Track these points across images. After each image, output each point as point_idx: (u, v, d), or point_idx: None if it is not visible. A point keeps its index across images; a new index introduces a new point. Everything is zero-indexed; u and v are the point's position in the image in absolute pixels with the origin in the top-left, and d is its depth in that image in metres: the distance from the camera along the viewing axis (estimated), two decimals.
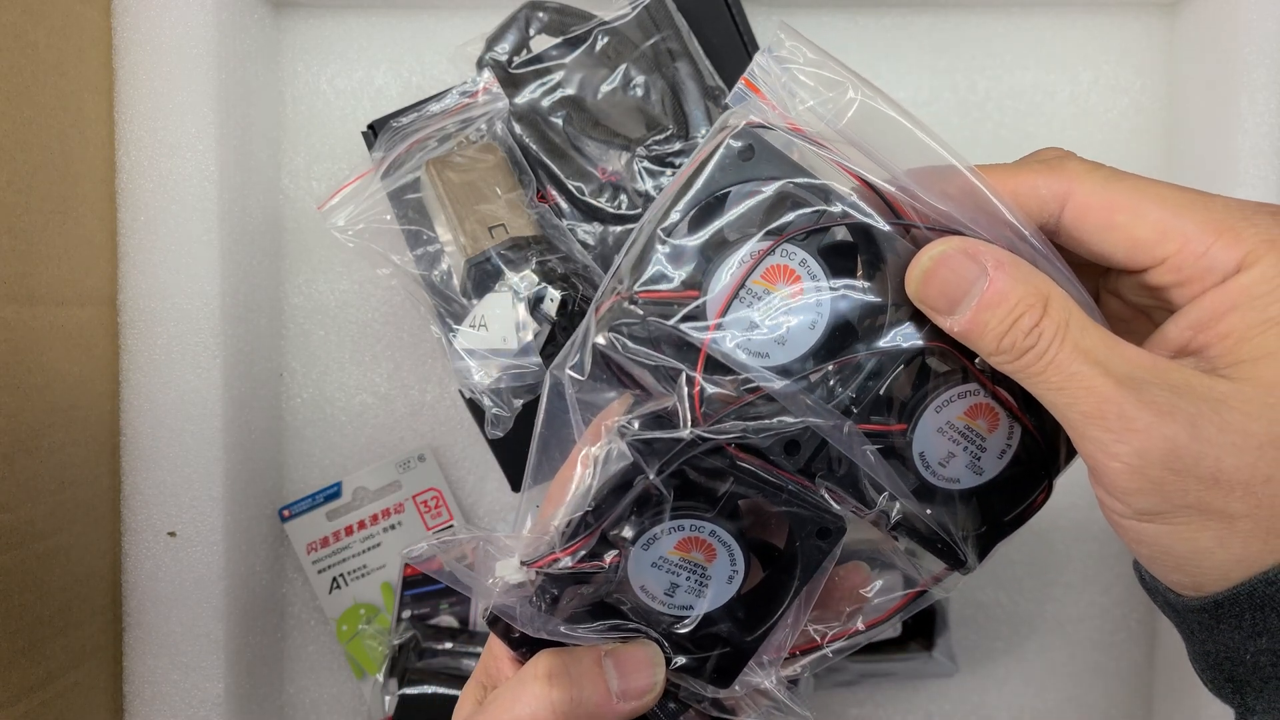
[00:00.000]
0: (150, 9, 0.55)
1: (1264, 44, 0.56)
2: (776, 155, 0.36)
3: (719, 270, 0.35)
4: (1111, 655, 0.65)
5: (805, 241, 0.35)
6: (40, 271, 0.50)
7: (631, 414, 0.37)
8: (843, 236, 0.37)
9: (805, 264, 0.35)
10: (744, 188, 0.36)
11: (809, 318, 0.35)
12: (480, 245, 0.49)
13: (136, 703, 0.56)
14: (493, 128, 0.52)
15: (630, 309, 0.36)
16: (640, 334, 0.35)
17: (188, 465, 0.56)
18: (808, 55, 0.38)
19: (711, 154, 0.36)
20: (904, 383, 0.38)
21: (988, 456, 0.38)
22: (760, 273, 0.35)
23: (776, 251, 0.35)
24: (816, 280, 0.35)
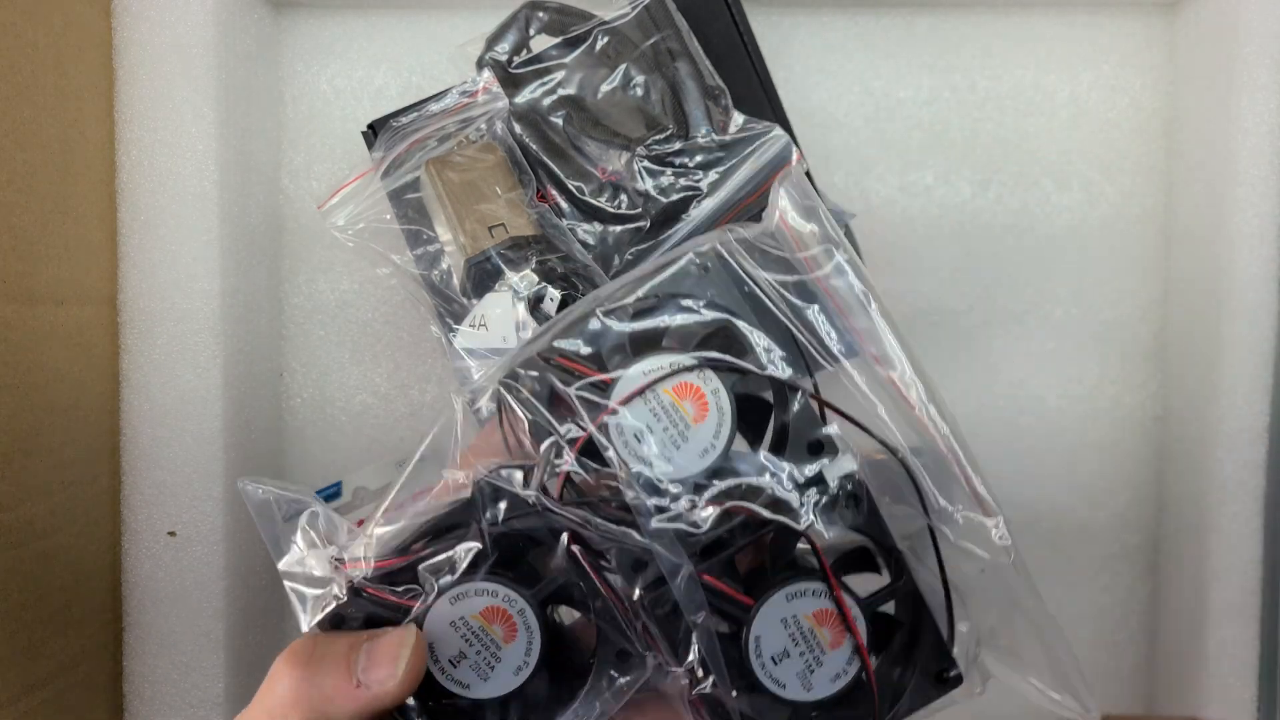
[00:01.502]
0: (150, 9, 0.55)
1: (1264, 44, 0.56)
2: (732, 285, 0.37)
3: (637, 364, 0.36)
4: (1111, 655, 0.65)
5: (725, 375, 0.36)
6: (40, 271, 0.50)
7: (498, 461, 0.36)
8: (761, 390, 0.37)
9: (717, 394, 0.36)
10: (690, 303, 0.37)
11: (702, 446, 0.36)
12: (480, 245, 0.49)
13: (136, 703, 0.56)
14: (493, 127, 0.52)
15: (539, 362, 0.36)
16: (538, 389, 0.36)
17: (188, 465, 0.56)
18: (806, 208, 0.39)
19: (676, 260, 0.37)
20: (768, 558, 0.37)
21: (821, 673, 0.36)
22: (674, 384, 0.36)
23: (696, 372, 0.36)
24: (722, 416, 0.36)
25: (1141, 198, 0.64)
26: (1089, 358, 0.64)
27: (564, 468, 0.35)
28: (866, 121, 0.63)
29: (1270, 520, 0.58)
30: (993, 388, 0.64)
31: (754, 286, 0.37)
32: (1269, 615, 0.58)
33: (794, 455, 0.37)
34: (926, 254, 0.64)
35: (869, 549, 0.38)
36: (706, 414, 0.36)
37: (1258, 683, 0.58)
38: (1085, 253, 0.64)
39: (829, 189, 0.63)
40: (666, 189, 0.53)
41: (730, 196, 0.53)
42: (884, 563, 0.38)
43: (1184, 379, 0.62)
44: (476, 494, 0.36)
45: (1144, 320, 0.64)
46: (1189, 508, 0.60)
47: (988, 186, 0.64)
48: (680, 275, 0.37)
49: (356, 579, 0.36)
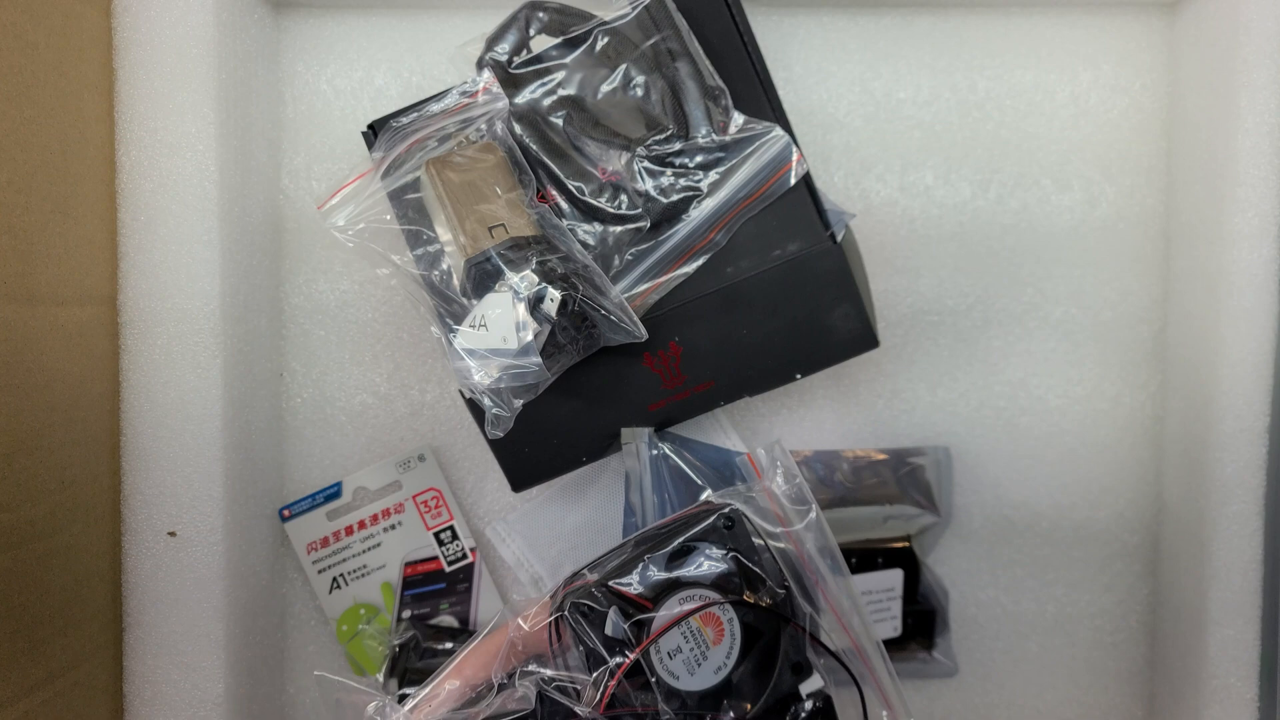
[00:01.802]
0: (150, 9, 0.55)
1: (1264, 44, 0.56)
2: (748, 535, 0.49)
3: (671, 600, 0.47)
4: (1111, 655, 0.65)
5: (738, 608, 0.47)
6: (40, 271, 0.50)
7: (552, 673, 0.46)
8: (762, 623, 0.48)
9: (732, 623, 0.47)
10: (715, 551, 0.48)
11: (716, 664, 0.47)
12: (480, 245, 0.49)
13: (136, 703, 0.56)
14: (493, 128, 0.52)
15: (595, 594, 0.47)
16: (593, 616, 0.46)
17: (188, 465, 0.56)
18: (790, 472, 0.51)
19: (702, 517, 0.48)
20: None
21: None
22: (701, 615, 0.47)
23: (719, 605, 0.47)
24: (734, 641, 0.47)
25: (1141, 198, 0.64)
26: (1089, 358, 0.64)
27: (613, 682, 0.46)
28: (866, 121, 0.63)
29: (1270, 520, 0.58)
30: (993, 388, 0.64)
31: (765, 542, 0.49)
32: (1269, 615, 0.58)
33: (781, 672, 0.48)
34: (926, 254, 0.64)
35: None
36: (723, 638, 0.47)
37: (1258, 683, 0.58)
38: (1085, 253, 0.64)
39: (829, 189, 0.63)
40: (666, 189, 0.53)
41: (730, 196, 0.53)
42: None
43: (1184, 379, 0.62)
44: (536, 701, 0.46)
45: (1144, 320, 0.64)
46: (1189, 508, 0.60)
47: (988, 186, 0.64)
48: (708, 530, 0.48)
49: None
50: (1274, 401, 0.57)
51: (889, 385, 0.64)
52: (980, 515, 0.65)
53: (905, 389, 0.64)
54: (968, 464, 0.64)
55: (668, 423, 0.56)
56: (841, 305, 0.54)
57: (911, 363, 0.64)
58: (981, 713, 0.65)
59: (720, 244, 0.54)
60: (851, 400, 0.64)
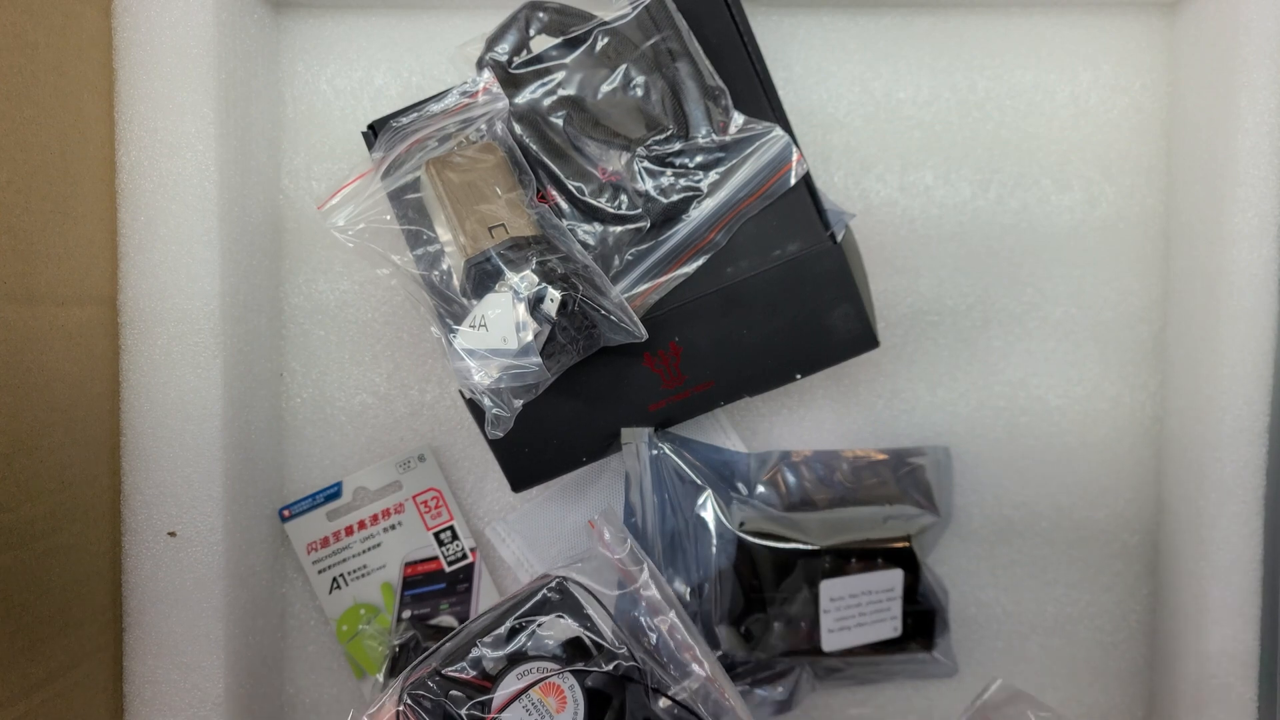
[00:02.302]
0: (150, 9, 0.55)
1: (1264, 44, 0.56)
2: (577, 601, 0.50)
3: (509, 677, 0.48)
4: (1111, 655, 0.65)
5: (576, 675, 0.49)
6: (40, 271, 0.50)
7: None
8: (605, 685, 0.49)
9: (573, 689, 0.49)
10: (547, 619, 0.50)
11: None
12: (480, 245, 0.49)
13: (136, 703, 0.56)
14: (493, 128, 0.52)
15: (430, 685, 0.48)
16: (433, 705, 0.47)
17: (188, 465, 0.56)
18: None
19: (532, 594, 0.50)
20: None
21: None
22: (541, 686, 0.48)
23: (558, 675, 0.49)
24: (577, 706, 0.48)
25: (1141, 198, 0.64)
26: (1089, 358, 0.64)
27: None
28: (866, 121, 0.63)
29: (1270, 520, 0.58)
30: (993, 388, 0.64)
31: (596, 605, 0.50)
32: (1269, 615, 0.58)
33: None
34: (926, 254, 0.64)
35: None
36: (565, 705, 0.48)
37: (1258, 683, 0.58)
38: (1085, 253, 0.64)
39: (829, 189, 0.63)
40: (666, 189, 0.53)
41: (730, 196, 0.53)
42: None
43: (1184, 379, 0.62)
44: None
45: (1144, 320, 0.64)
46: (1189, 508, 0.60)
47: (988, 186, 0.64)
48: (540, 603, 0.50)
49: None
50: (1274, 401, 0.57)
51: (889, 385, 0.64)
52: (980, 515, 0.65)
53: (905, 389, 0.64)
54: (968, 464, 0.64)
55: (668, 423, 0.56)
56: (841, 305, 0.54)
57: (911, 363, 0.64)
58: None
59: (720, 244, 0.54)
60: (851, 400, 0.64)
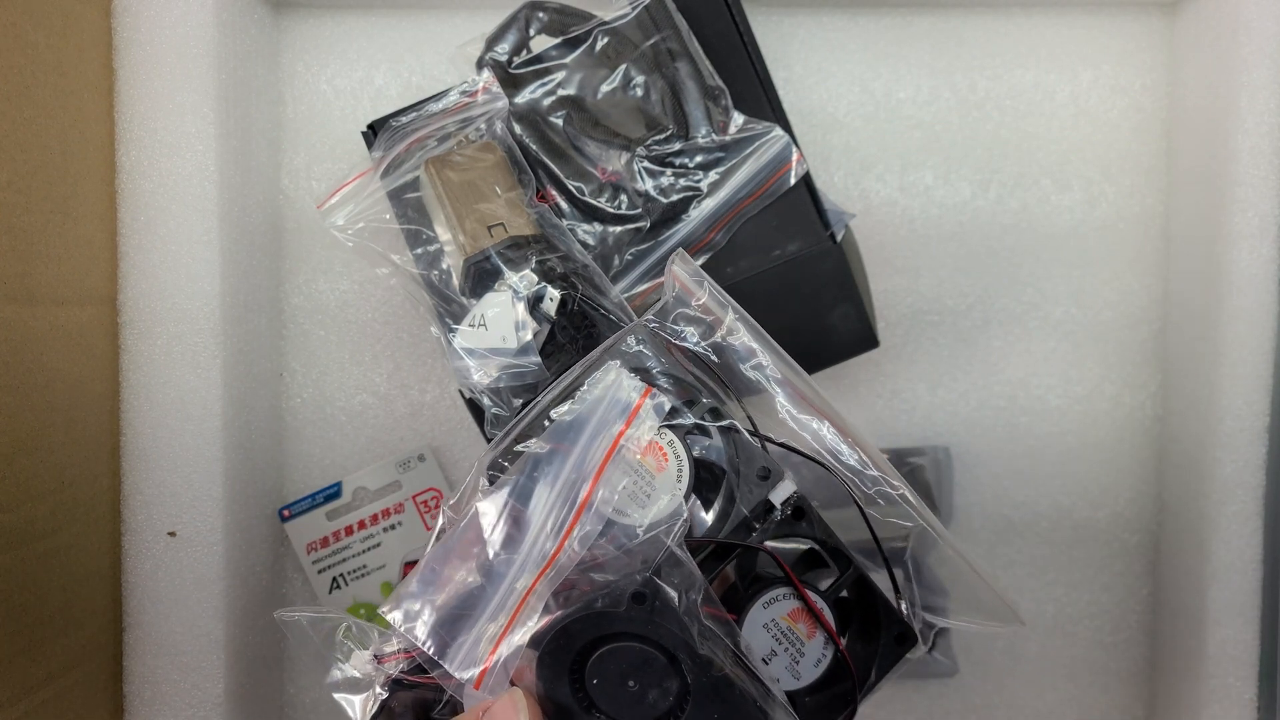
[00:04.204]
0: (150, 9, 0.55)
1: (1264, 44, 0.56)
2: (663, 355, 0.45)
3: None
4: (1111, 655, 0.65)
5: (679, 429, 0.43)
6: (40, 271, 0.50)
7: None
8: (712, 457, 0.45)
9: (673, 444, 0.43)
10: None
11: (669, 492, 0.43)
12: (480, 244, 0.49)
13: (136, 703, 0.56)
14: (492, 127, 0.52)
15: (506, 465, 0.43)
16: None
17: (188, 465, 0.56)
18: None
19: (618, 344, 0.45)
20: (738, 579, 0.44)
21: (805, 662, 0.43)
22: (641, 450, 0.43)
23: (657, 431, 0.43)
24: (680, 462, 0.43)
25: (1141, 198, 0.64)
26: (1089, 358, 0.64)
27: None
28: (866, 121, 0.63)
29: (1270, 520, 0.58)
30: (993, 388, 0.64)
31: (677, 353, 0.45)
32: (1269, 615, 0.58)
33: (746, 485, 0.44)
34: (926, 254, 0.64)
35: (817, 550, 0.45)
36: (667, 463, 0.43)
37: (1258, 683, 0.58)
38: (1085, 253, 0.64)
39: (829, 189, 0.63)
40: (666, 189, 0.53)
41: (730, 196, 0.53)
42: (832, 559, 0.45)
43: (1184, 379, 0.61)
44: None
45: (1144, 320, 0.64)
46: (1189, 508, 0.60)
47: (988, 186, 0.64)
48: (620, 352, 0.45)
49: (395, 673, 0.41)
50: (1274, 401, 0.57)
51: (889, 385, 0.64)
52: (980, 515, 0.65)
53: (905, 389, 0.64)
54: (968, 464, 0.64)
55: None
56: (841, 305, 0.54)
57: (911, 363, 0.64)
58: (981, 713, 0.65)
59: (720, 244, 0.54)
60: (851, 400, 0.64)
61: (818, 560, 0.45)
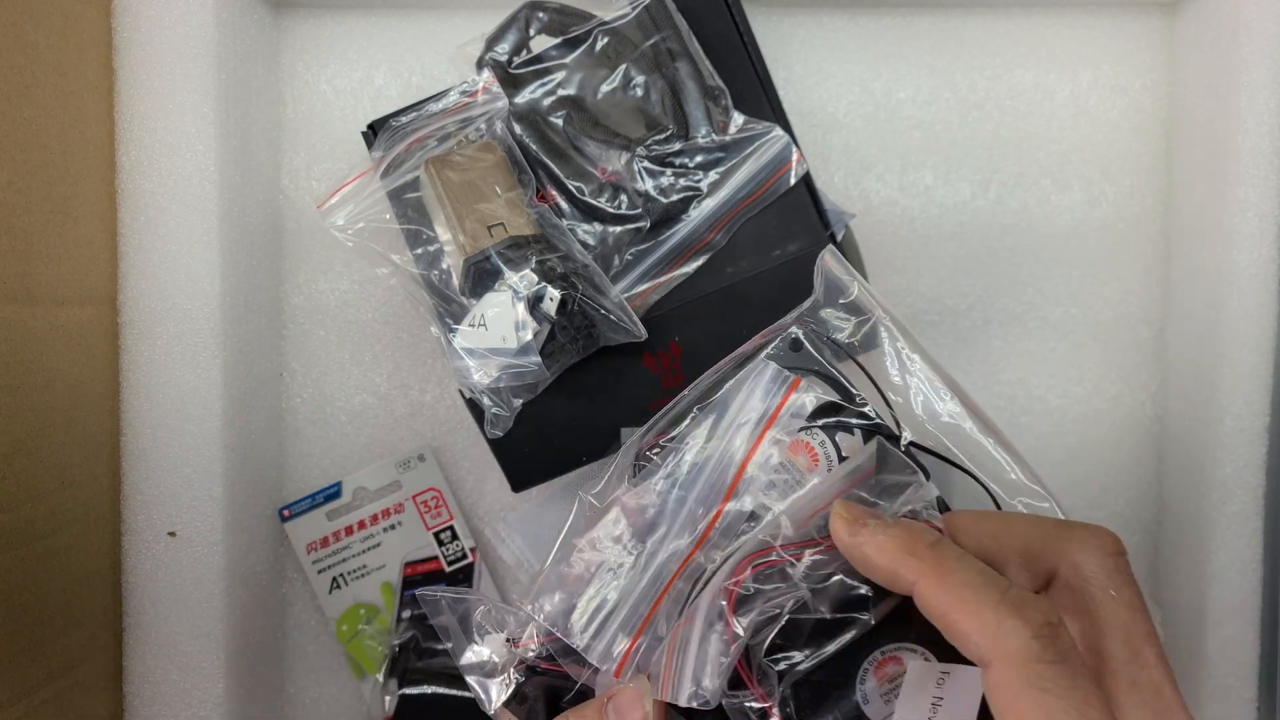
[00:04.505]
0: (150, 9, 0.55)
1: (1264, 44, 0.56)
2: (814, 359, 0.44)
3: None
4: None
5: (830, 431, 0.42)
6: (40, 271, 0.50)
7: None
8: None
9: (824, 446, 0.42)
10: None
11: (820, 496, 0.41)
12: (480, 244, 0.49)
13: (136, 703, 0.56)
14: (492, 127, 0.52)
15: (651, 457, 0.43)
16: None
17: (188, 465, 0.56)
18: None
19: (759, 350, 0.44)
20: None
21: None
22: (788, 444, 0.42)
23: (807, 432, 0.43)
24: (830, 464, 0.42)
25: (1141, 198, 0.64)
26: (1089, 358, 0.64)
27: None
28: (866, 121, 0.63)
29: (1270, 520, 0.58)
30: (993, 388, 0.64)
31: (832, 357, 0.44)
32: (1269, 615, 0.58)
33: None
34: (926, 254, 0.64)
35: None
36: (817, 464, 0.42)
37: (1258, 683, 0.58)
38: (1085, 253, 0.64)
39: (829, 189, 0.63)
40: (666, 189, 0.53)
41: (730, 196, 0.53)
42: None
43: (1184, 379, 0.61)
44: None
45: (1144, 320, 0.64)
46: (1189, 508, 0.60)
47: (988, 186, 0.64)
48: (776, 352, 0.44)
49: (530, 658, 0.41)
50: (1274, 401, 0.57)
51: None
52: None
53: None
54: None
55: None
56: None
57: None
58: None
59: (720, 244, 0.54)
60: None
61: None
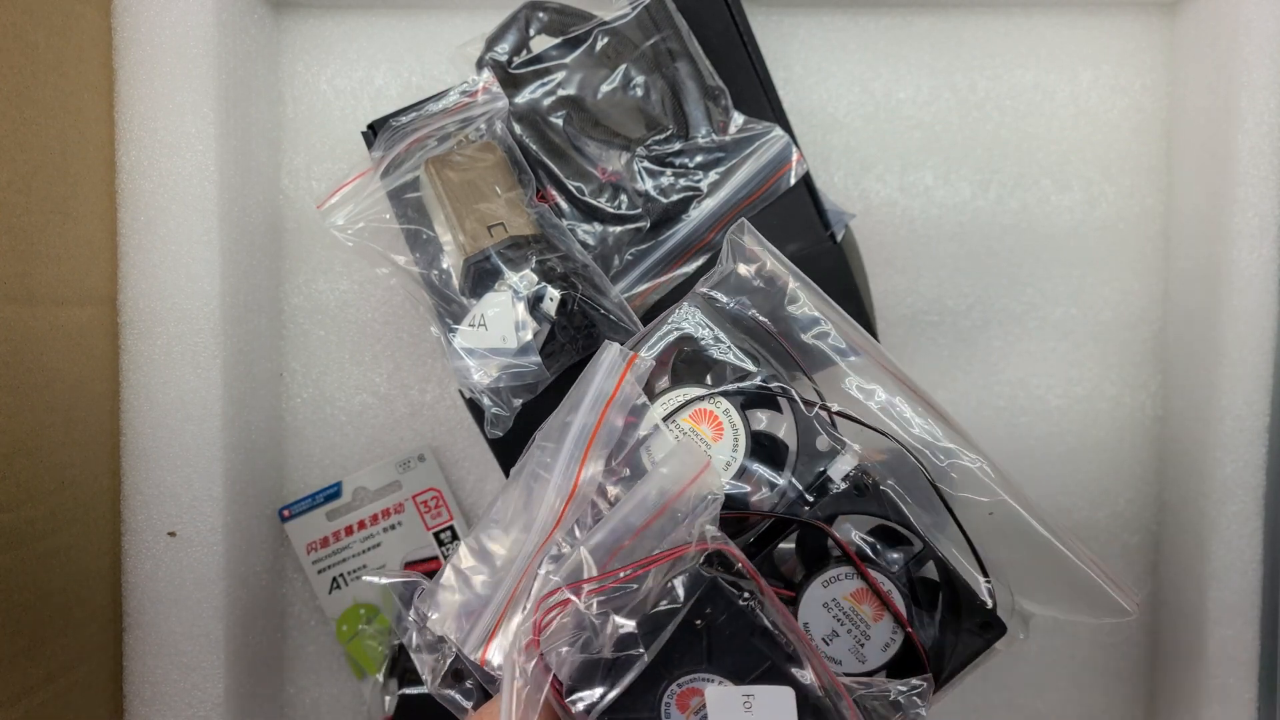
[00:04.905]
0: (150, 9, 0.55)
1: (1264, 44, 0.56)
2: (725, 325, 0.44)
3: (657, 404, 0.43)
4: (1111, 655, 0.65)
5: (734, 399, 0.42)
6: (40, 271, 0.50)
7: None
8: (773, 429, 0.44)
9: (728, 414, 0.43)
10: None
11: (724, 460, 0.42)
12: (480, 244, 0.49)
13: (136, 703, 0.56)
14: (492, 127, 0.52)
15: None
16: None
17: (188, 465, 0.56)
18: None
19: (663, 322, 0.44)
20: (800, 559, 0.42)
21: (871, 646, 0.41)
22: (691, 412, 0.42)
23: (709, 399, 0.43)
24: (736, 431, 0.42)
25: (1141, 198, 0.64)
26: (1089, 358, 0.64)
27: None
28: (866, 121, 0.63)
29: (1270, 520, 0.58)
30: (993, 388, 0.64)
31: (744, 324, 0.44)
32: (1269, 615, 0.58)
33: (804, 458, 0.42)
34: (926, 254, 0.64)
35: (890, 527, 0.42)
36: (722, 434, 0.42)
37: (1258, 683, 0.58)
38: (1085, 253, 0.64)
39: (829, 189, 0.63)
40: (666, 189, 0.53)
41: (730, 196, 0.53)
42: (909, 535, 0.43)
43: (1184, 379, 0.61)
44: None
45: (1144, 320, 0.64)
46: (1189, 508, 0.60)
47: (988, 186, 0.64)
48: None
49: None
50: (1274, 401, 0.57)
51: None
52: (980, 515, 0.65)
53: None
54: None
55: None
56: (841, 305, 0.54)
57: (911, 363, 0.64)
58: (982, 713, 0.65)
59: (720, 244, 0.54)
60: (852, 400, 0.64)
61: (899, 539, 0.43)
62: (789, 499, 0.42)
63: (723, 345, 0.43)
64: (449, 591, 0.42)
